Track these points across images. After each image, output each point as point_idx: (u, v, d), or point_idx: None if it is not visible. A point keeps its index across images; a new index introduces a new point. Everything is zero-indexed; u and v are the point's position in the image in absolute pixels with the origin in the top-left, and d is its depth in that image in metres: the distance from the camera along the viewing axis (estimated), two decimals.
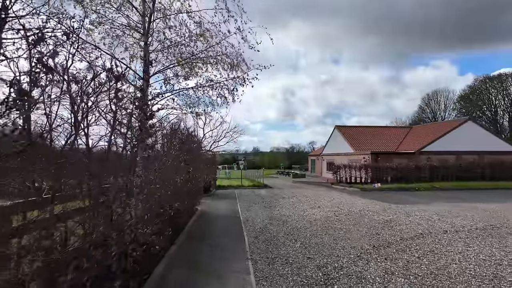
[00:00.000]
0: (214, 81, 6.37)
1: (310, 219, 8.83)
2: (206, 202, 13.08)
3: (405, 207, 10.83)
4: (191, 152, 8.00)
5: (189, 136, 7.68)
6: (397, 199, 13.40)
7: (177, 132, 5.81)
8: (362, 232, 7.09)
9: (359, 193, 16.31)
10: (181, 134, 6.21)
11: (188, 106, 6.90)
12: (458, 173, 21.65)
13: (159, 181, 4.43)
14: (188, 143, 7.50)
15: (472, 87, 58.35)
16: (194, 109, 6.96)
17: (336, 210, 10.34)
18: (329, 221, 8.42)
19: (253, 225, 8.08)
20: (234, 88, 6.57)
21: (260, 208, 11.09)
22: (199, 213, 9.53)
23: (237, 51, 6.27)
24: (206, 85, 6.34)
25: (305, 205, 11.64)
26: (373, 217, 8.99)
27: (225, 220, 8.91)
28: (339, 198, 13.57)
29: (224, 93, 6.56)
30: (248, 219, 8.97)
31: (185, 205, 6.27)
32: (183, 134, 6.47)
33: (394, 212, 9.78)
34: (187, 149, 6.71)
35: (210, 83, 6.36)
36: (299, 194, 15.55)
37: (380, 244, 6.04)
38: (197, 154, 9.85)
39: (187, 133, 7.67)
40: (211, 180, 18.23)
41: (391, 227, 7.62)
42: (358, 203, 11.86)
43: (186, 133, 7.53)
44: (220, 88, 6.42)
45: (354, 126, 32.28)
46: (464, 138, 24.49)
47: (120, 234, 2.84)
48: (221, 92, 6.50)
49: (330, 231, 7.27)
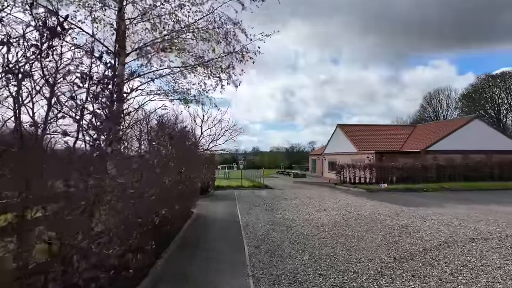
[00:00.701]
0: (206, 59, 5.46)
1: (316, 224, 7.99)
2: (203, 204, 12.24)
3: (418, 210, 10.00)
4: (185, 150, 7.15)
5: (182, 132, 6.82)
6: (407, 200, 12.58)
7: (166, 126, 4.97)
8: (377, 240, 6.26)
9: (365, 194, 15.48)
10: (171, 128, 5.37)
11: (175, 92, 5.93)
12: (466, 173, 20.85)
13: (141, 184, 3.58)
14: (181, 139, 6.66)
15: (474, 86, 57.60)
16: (183, 95, 5.93)
17: (344, 213, 9.51)
18: (338, 227, 7.58)
19: (254, 231, 7.24)
20: (230, 64, 5.61)
21: (261, 211, 10.25)
22: (195, 217, 8.70)
23: (233, 20, 5.32)
24: (196, 64, 5.43)
25: (309, 207, 10.80)
26: (386, 221, 8.15)
27: (223, 225, 8.07)
28: (345, 200, 12.73)
29: (218, 73, 5.64)
30: (248, 223, 8.13)
31: (176, 210, 5.43)
32: (173, 128, 5.63)
33: (407, 215, 8.95)
34: (179, 146, 5.87)
35: (201, 61, 5.44)
36: (302, 195, 14.72)
37: (401, 256, 5.21)
38: (193, 153, 9.01)
39: (181, 129, 6.82)
40: (209, 180, 17.39)
41: (409, 234, 6.78)
42: (367, 206, 11.03)
43: (179, 128, 6.67)
44: (213, 67, 5.51)
45: (356, 124, 31.47)
46: (470, 137, 23.67)
47: (68, 259, 2.01)
48: (214, 71, 5.59)
49: (341, 239, 6.43)
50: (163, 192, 4.53)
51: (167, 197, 4.74)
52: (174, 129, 6.04)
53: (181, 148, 6.14)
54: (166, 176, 4.83)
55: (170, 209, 4.78)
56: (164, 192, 4.57)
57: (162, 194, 4.53)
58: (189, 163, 7.57)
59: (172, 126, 5.65)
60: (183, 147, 6.44)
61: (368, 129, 29.57)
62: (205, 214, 9.78)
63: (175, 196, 5.47)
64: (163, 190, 4.54)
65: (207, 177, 17.09)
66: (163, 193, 4.56)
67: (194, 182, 8.78)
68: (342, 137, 28.75)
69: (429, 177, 20.22)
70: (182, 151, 6.34)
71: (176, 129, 6.11)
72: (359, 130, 29.00)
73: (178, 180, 5.58)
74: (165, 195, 4.66)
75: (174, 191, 5.44)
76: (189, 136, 8.13)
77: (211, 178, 18.16)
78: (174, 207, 5.27)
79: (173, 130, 5.55)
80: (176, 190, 5.59)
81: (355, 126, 30.39)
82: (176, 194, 5.53)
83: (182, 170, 5.85)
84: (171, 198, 5.10)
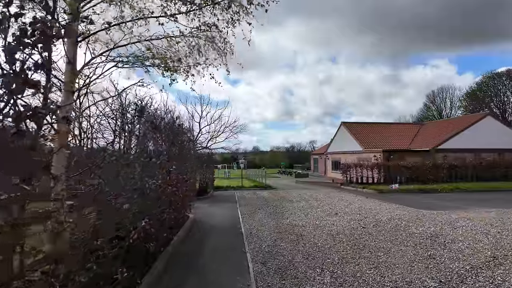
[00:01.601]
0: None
1: (331, 231, 6.91)
2: (201, 207, 11.18)
3: (440, 214, 8.91)
4: (178, 145, 6.07)
5: (174, 124, 5.74)
6: (423, 203, 11.49)
7: (145, 112, 3.88)
8: (408, 254, 5.18)
9: (376, 195, 14.39)
10: (155, 116, 4.30)
11: (154, 57, 4.70)
12: (479, 173, 19.77)
13: (101, 189, 2.51)
14: (173, 132, 5.57)
15: (479, 84, 56.57)
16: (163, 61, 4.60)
17: (359, 218, 8.42)
18: (357, 235, 6.50)
19: (259, 240, 6.16)
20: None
21: (266, 215, 9.17)
22: (190, 224, 7.62)
23: None
24: (183, 12, 4.28)
25: (319, 211, 9.71)
26: (410, 228, 7.07)
27: (223, 233, 6.99)
28: (356, 202, 11.64)
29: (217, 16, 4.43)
30: (252, 231, 7.05)
31: (164, 220, 4.35)
32: (156, 117, 4.56)
33: (432, 221, 7.86)
34: (169, 140, 4.78)
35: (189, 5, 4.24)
36: (307, 197, 13.63)
37: (447, 278, 4.13)
38: (188, 150, 7.93)
39: (172, 120, 5.74)
40: (208, 180, 16.31)
41: (443, 245, 5.70)
42: (382, 209, 9.94)
43: (170, 120, 5.59)
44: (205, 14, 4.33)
45: (362, 122, 30.37)
46: (482, 135, 22.58)
47: None
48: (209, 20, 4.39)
49: (364, 252, 5.35)
50: (144, 198, 3.44)
51: (149, 205, 3.65)
52: (163, 119, 4.96)
53: (172, 143, 5.06)
54: (148, 177, 3.75)
55: (154, 219, 3.71)
56: (145, 198, 3.48)
57: (142, 200, 3.44)
58: (183, 161, 6.49)
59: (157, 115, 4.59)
60: (174, 141, 5.35)
61: (374, 127, 28.51)
62: (203, 219, 8.71)
63: (163, 202, 4.38)
64: (143, 196, 3.45)
65: (206, 177, 16.02)
66: (144, 200, 3.46)
67: (190, 183, 7.70)
68: (347, 136, 27.66)
69: (440, 177, 19.13)
70: (173, 146, 5.25)
71: (165, 119, 5.03)
72: (365, 128, 27.94)
73: (166, 182, 4.50)
74: (146, 202, 3.57)
75: (162, 195, 4.35)
76: (183, 130, 7.05)
77: (210, 178, 17.08)
78: (161, 216, 4.19)
79: (159, 119, 4.49)
80: (164, 195, 4.50)
81: (360, 124, 29.31)
82: (164, 200, 4.45)
83: (171, 169, 4.77)
84: (156, 205, 4.01)
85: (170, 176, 4.61)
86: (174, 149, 5.48)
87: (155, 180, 3.99)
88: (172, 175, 4.78)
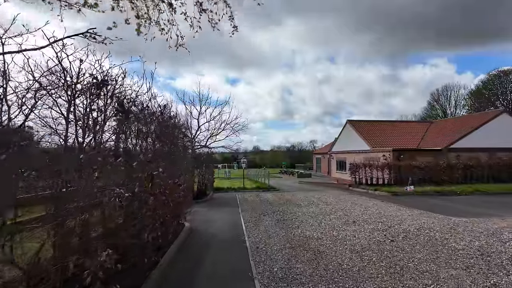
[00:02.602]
0: None
1: (354, 246, 5.72)
2: (199, 212, 10.00)
3: (476, 222, 7.72)
4: (168, 142, 4.88)
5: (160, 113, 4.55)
6: (447, 208, 10.30)
7: (107, 86, 2.66)
8: (465, 281, 3.98)
9: (391, 198, 13.18)
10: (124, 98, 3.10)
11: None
12: (495, 173, 18.58)
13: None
14: (159, 124, 4.38)
15: (484, 82, 55.44)
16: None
17: (382, 228, 7.23)
18: (387, 252, 5.30)
19: (268, 260, 4.97)
20: None
21: (273, 223, 7.98)
22: (185, 235, 6.42)
23: None
24: None
25: (333, 218, 8.51)
26: (449, 242, 5.88)
27: (223, 249, 5.78)
28: (373, 207, 10.44)
29: None
30: (259, 245, 5.86)
31: (143, 245, 3.14)
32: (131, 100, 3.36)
33: (470, 232, 6.67)
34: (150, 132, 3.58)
35: None
36: (316, 200, 12.43)
37: None
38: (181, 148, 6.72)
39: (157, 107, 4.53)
40: (207, 182, 15.11)
41: (503, 267, 4.51)
42: (404, 216, 8.74)
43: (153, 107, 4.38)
44: None
45: (368, 120, 29.16)
46: (497, 133, 21.35)
47: None
48: None
49: (405, 278, 4.15)
50: (104, 217, 2.24)
51: (116, 226, 2.45)
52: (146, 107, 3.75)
53: (158, 137, 3.86)
54: (118, 186, 2.56)
55: (124, 247, 2.52)
56: (106, 218, 2.28)
57: (103, 220, 2.24)
58: (175, 161, 5.29)
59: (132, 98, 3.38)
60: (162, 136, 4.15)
61: (381, 125, 27.31)
62: (201, 227, 7.52)
63: (144, 217, 3.18)
64: (104, 215, 2.25)
65: (205, 178, 14.83)
66: (105, 220, 2.27)
67: (185, 187, 6.49)
68: (352, 134, 26.44)
69: (455, 177, 17.93)
70: (160, 142, 4.05)
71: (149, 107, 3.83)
72: (372, 126, 26.74)
73: (148, 190, 3.30)
74: (110, 222, 2.37)
75: (142, 209, 3.15)
76: (176, 124, 5.83)
77: (209, 179, 15.89)
78: (140, 238, 2.99)
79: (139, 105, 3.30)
80: (147, 207, 3.30)
81: (367, 122, 28.10)
82: (146, 214, 3.25)
83: (158, 172, 3.57)
84: (130, 224, 2.82)
85: (154, 181, 3.44)
86: (162, 146, 4.29)
87: (130, 188, 2.80)
88: (157, 181, 3.61)
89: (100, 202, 2.61)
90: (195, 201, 12.50)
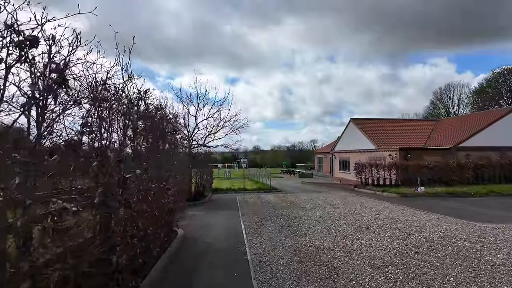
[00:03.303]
0: None
1: (372, 260, 4.88)
2: (195, 216, 9.20)
3: (505, 229, 6.90)
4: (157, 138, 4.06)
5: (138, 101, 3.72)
6: (464, 211, 9.47)
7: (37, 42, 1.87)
8: None
9: (401, 200, 12.35)
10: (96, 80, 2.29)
11: None
12: (508, 173, 17.76)
13: None
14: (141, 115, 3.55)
15: (488, 80, 54.61)
16: None
17: (401, 236, 6.40)
18: (414, 268, 4.47)
19: (274, 279, 4.14)
20: None
21: (276, 229, 7.15)
22: (177, 245, 5.59)
23: None
24: None
25: (343, 224, 7.68)
26: (484, 255, 5.04)
27: (219, 264, 4.94)
28: (384, 211, 9.60)
29: None
30: (262, 258, 5.03)
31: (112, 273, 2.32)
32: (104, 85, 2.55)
33: (503, 242, 5.85)
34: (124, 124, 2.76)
35: None
36: (322, 202, 11.60)
37: None
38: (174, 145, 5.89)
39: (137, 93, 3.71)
40: (205, 183, 14.30)
41: None
42: (422, 221, 7.90)
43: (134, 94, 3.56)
44: None
45: (372, 118, 28.28)
46: (506, 132, 20.50)
47: None
48: None
49: None
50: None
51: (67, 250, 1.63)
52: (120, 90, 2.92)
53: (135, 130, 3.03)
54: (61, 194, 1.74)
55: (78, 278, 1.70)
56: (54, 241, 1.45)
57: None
58: (162, 161, 4.46)
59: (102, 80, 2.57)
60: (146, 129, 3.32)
61: (386, 124, 26.46)
62: (196, 234, 6.70)
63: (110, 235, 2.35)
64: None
65: (203, 178, 14.01)
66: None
67: (177, 191, 5.66)
68: (356, 133, 25.59)
69: (466, 178, 17.10)
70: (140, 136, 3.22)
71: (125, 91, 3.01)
72: (376, 125, 25.88)
73: (118, 199, 2.47)
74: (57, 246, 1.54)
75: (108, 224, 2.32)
76: (165, 117, 4.99)
77: (208, 180, 15.08)
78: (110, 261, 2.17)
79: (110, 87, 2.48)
80: (113, 221, 2.47)
81: (371, 121, 27.24)
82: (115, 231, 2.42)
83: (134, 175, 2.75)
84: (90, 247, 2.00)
85: (127, 186, 2.63)
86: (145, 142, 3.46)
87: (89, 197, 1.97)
88: (133, 185, 2.79)
89: (41, 220, 1.80)
90: (192, 203, 11.70)
